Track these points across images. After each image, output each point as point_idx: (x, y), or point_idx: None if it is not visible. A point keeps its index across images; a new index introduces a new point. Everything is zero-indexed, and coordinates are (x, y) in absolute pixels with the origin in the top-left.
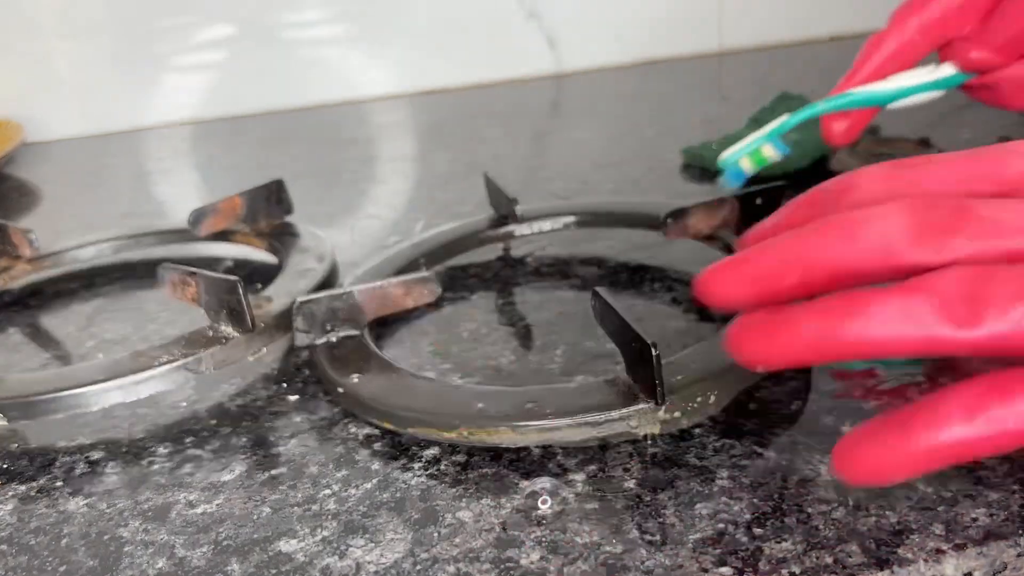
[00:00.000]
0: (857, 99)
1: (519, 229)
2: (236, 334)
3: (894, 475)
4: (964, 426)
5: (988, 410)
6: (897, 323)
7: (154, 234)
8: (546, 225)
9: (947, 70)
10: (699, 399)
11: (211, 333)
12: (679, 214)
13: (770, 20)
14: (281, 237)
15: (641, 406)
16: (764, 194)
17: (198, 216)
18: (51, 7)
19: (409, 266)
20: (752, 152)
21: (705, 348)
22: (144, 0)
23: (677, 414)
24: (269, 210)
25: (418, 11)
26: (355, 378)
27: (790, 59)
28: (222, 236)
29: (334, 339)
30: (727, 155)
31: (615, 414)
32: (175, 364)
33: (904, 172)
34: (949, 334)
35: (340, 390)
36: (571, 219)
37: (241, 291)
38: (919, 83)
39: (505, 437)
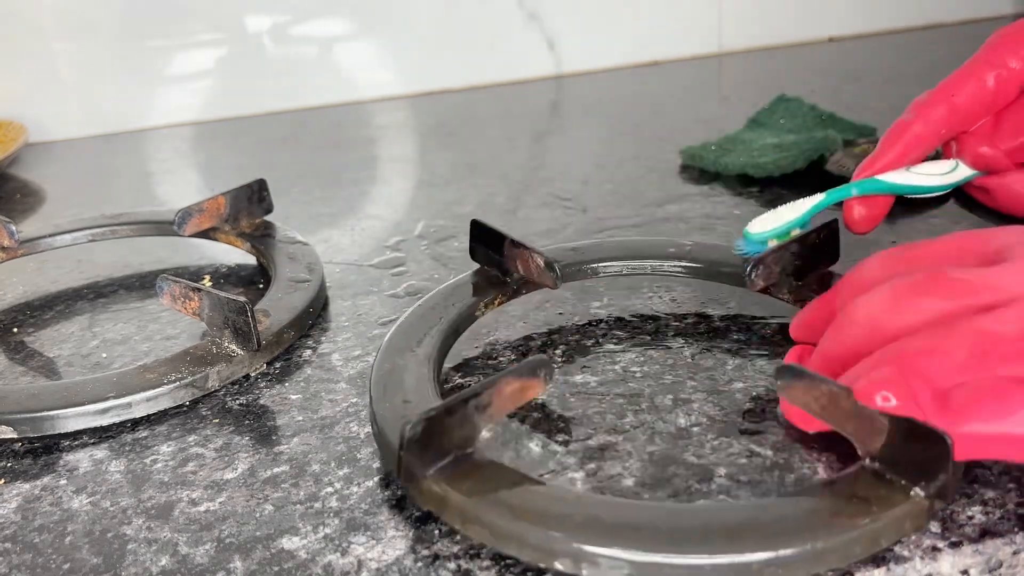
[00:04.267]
0: (882, 186)
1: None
2: (240, 351)
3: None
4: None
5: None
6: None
7: (130, 224)
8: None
9: (963, 172)
10: None
11: (215, 349)
12: (760, 263)
13: (770, 21)
14: (263, 239)
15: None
16: (821, 231)
17: (184, 216)
18: (53, 8)
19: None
20: (782, 235)
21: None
22: (146, 1)
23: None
24: (251, 209)
25: (419, 12)
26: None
27: (790, 60)
28: (204, 235)
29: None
30: (756, 230)
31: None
32: (183, 382)
33: (902, 254)
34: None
35: (488, 524)
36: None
37: (250, 314)
38: (938, 184)
39: None
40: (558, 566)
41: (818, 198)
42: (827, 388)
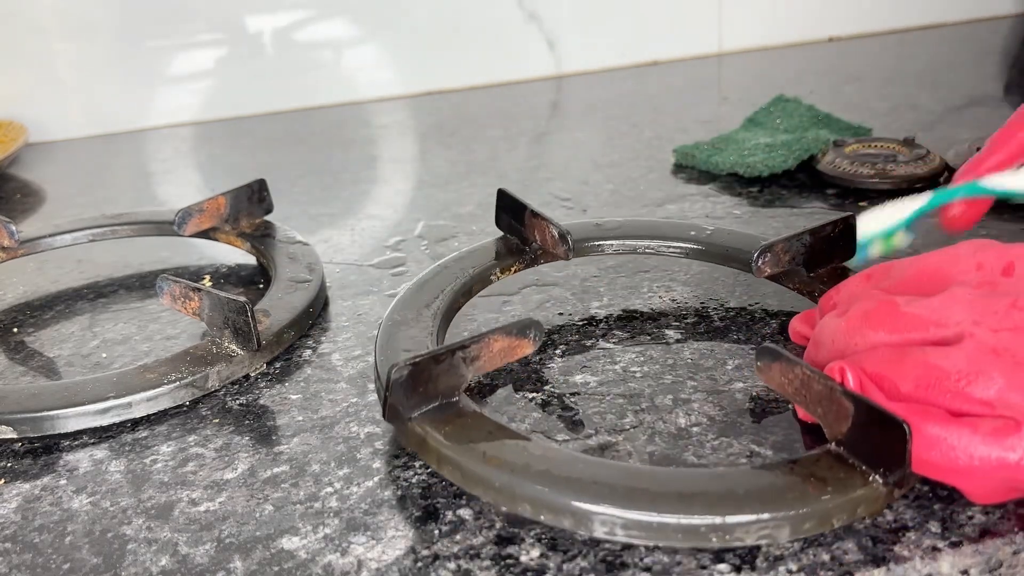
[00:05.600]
0: (983, 190)
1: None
2: (240, 351)
3: None
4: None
5: None
6: None
7: (130, 224)
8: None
9: None
10: None
11: (215, 349)
12: (767, 250)
13: (770, 21)
14: (263, 239)
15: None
16: (837, 224)
17: (184, 216)
18: (54, 9)
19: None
20: (886, 237)
21: None
22: (146, 1)
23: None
24: (251, 209)
25: (419, 13)
26: (481, 451)
27: (790, 60)
28: (204, 235)
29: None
30: (864, 235)
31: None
32: (183, 382)
33: (872, 279)
34: None
35: (460, 466)
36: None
37: (250, 314)
38: None
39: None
40: (519, 511)
41: (923, 199)
42: (801, 371)
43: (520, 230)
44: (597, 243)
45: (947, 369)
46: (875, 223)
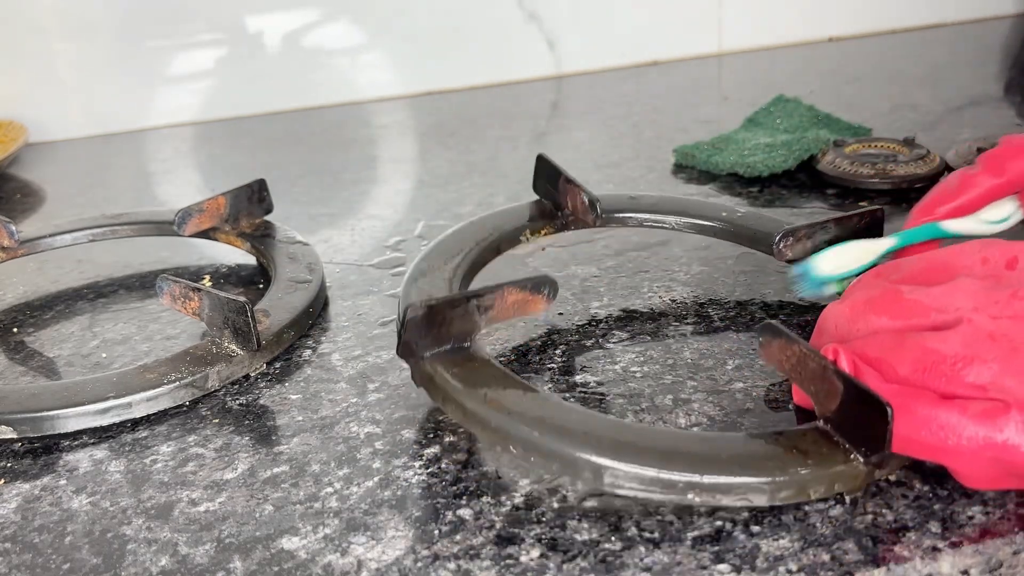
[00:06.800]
0: (945, 233)
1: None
2: (240, 351)
3: None
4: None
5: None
6: None
7: (130, 224)
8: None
9: (1019, 215)
10: None
11: (215, 349)
12: (790, 234)
13: (770, 21)
14: (263, 239)
15: (855, 465)
16: (864, 216)
17: (184, 216)
18: (54, 8)
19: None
20: (844, 280)
21: None
22: (146, 1)
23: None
24: (251, 209)
25: (419, 13)
26: (483, 393)
27: (790, 60)
28: (204, 235)
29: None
30: (819, 271)
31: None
32: (183, 382)
33: (882, 275)
34: None
35: (461, 405)
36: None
37: (250, 314)
38: (996, 232)
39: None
40: (512, 450)
41: (887, 243)
42: (798, 349)
43: (555, 195)
44: (629, 215)
45: (944, 352)
46: (838, 262)
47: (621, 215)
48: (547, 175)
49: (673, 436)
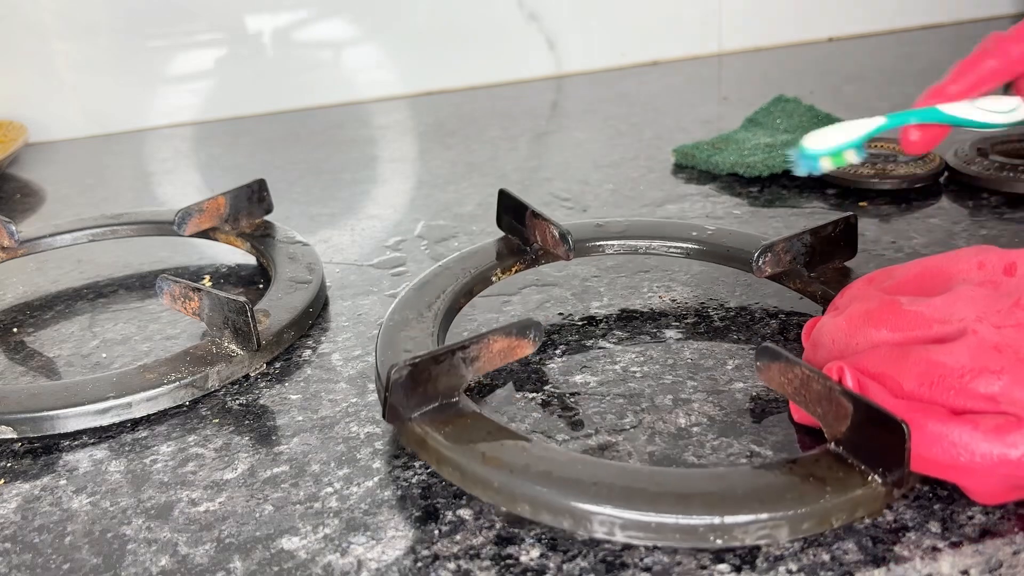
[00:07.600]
0: (943, 117)
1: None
2: (240, 351)
3: None
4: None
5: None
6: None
7: (130, 224)
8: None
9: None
10: None
11: (215, 349)
12: (768, 250)
13: (770, 21)
14: (263, 239)
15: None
16: (838, 224)
17: (184, 216)
18: (54, 9)
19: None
20: (836, 154)
21: None
22: (146, 1)
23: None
24: (251, 209)
25: (419, 13)
26: (481, 451)
27: (790, 60)
28: (204, 235)
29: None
30: (810, 146)
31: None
32: (183, 382)
33: (874, 282)
34: None
35: (459, 466)
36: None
37: (250, 314)
38: (998, 122)
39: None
40: (519, 511)
41: (877, 121)
42: (800, 371)
43: (521, 230)
44: (598, 243)
45: (950, 365)
46: (828, 139)
47: (590, 244)
48: (511, 210)
49: (684, 477)
